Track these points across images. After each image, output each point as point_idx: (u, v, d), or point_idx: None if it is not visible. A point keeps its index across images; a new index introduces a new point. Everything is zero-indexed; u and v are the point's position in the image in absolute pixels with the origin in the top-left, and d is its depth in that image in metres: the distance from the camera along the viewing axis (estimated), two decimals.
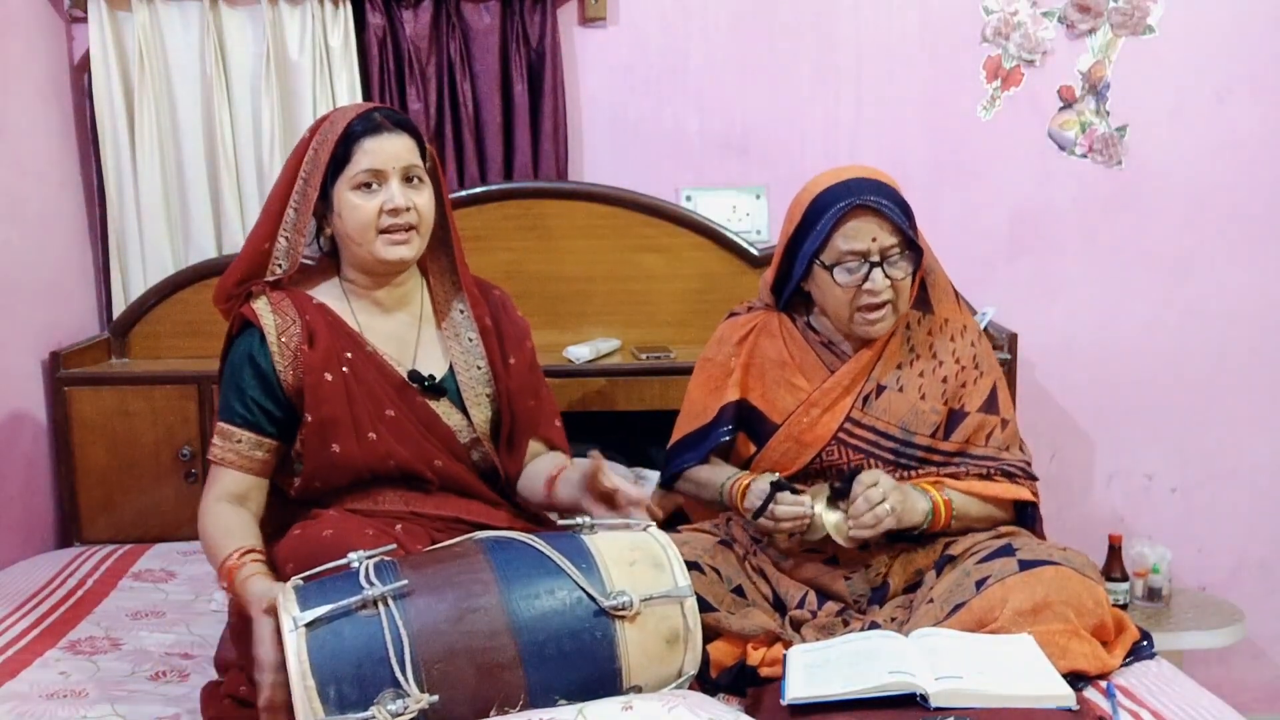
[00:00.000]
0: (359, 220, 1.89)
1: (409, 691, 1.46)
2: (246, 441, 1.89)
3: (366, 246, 1.90)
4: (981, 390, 2.11)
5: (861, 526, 1.94)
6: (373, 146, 1.88)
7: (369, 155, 1.88)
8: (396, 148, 1.90)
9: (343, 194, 1.89)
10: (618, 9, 3.04)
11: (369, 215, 1.88)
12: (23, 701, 1.87)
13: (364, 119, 1.90)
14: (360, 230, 1.89)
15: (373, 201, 1.88)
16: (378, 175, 1.88)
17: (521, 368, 2.06)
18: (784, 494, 1.98)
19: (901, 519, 1.96)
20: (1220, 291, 3.19)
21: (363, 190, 1.88)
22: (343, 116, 1.91)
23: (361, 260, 1.94)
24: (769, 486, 1.99)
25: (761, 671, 1.87)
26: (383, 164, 1.88)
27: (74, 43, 2.97)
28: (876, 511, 1.93)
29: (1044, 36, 3.07)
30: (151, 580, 2.50)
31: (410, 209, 1.90)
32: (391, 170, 1.89)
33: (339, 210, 1.90)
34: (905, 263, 2.02)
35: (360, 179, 1.88)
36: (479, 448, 2.01)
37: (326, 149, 1.88)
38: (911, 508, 1.99)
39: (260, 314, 1.90)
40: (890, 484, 1.97)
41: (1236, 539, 3.29)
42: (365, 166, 1.88)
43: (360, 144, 1.88)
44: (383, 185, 1.89)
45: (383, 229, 1.89)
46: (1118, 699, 1.74)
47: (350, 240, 1.91)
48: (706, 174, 3.11)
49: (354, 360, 1.91)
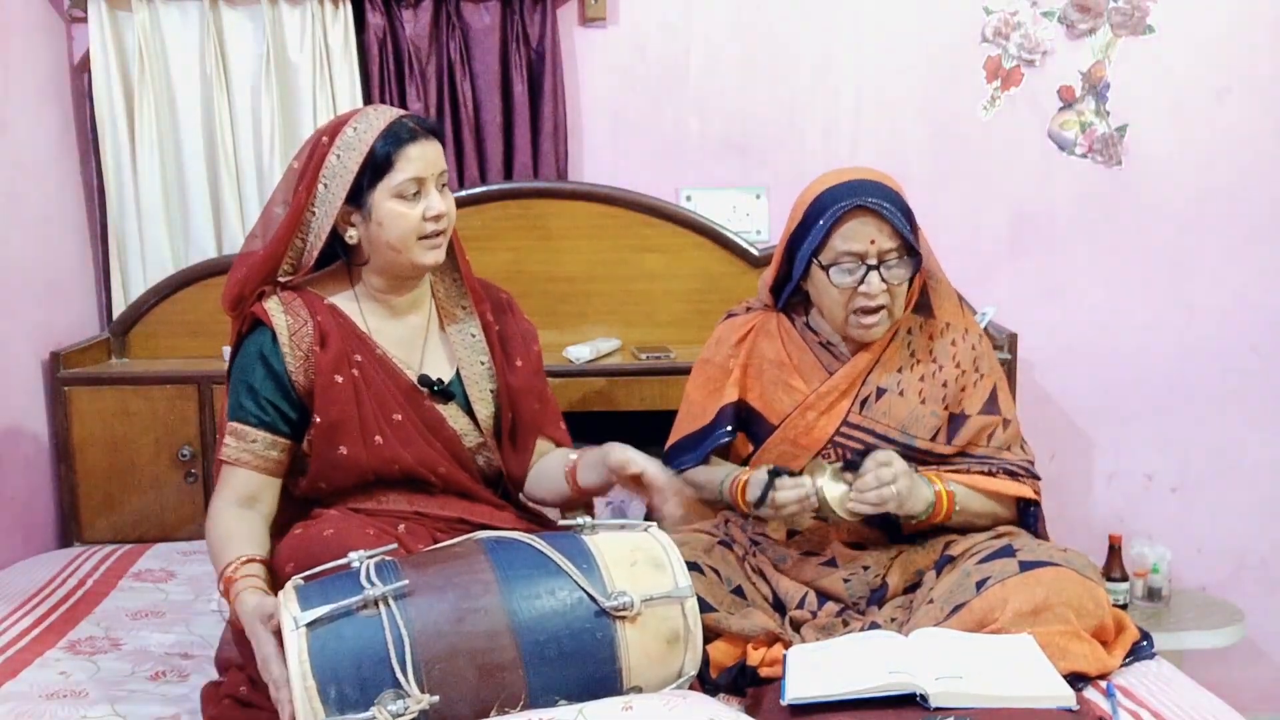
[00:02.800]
0: (403, 228, 1.88)
1: (409, 692, 1.46)
2: (262, 441, 1.88)
3: (406, 254, 1.90)
4: (982, 392, 2.11)
5: (864, 501, 1.94)
6: (415, 154, 1.87)
7: (413, 163, 1.87)
8: (433, 154, 1.90)
9: (383, 203, 1.88)
10: (618, 9, 3.04)
11: (413, 223, 1.88)
12: (23, 701, 1.87)
13: (399, 126, 1.89)
14: (402, 238, 1.88)
15: (415, 209, 1.88)
16: (419, 183, 1.88)
17: (528, 370, 2.05)
18: (782, 478, 1.97)
19: (903, 504, 1.96)
20: (1220, 291, 3.19)
21: (405, 198, 1.88)
22: (368, 123, 1.89)
23: (394, 266, 1.93)
24: (767, 475, 1.99)
25: (761, 672, 1.87)
26: (424, 171, 1.88)
27: (74, 43, 2.97)
28: (882, 492, 1.93)
29: (1044, 36, 3.07)
30: (151, 580, 2.50)
31: (446, 214, 1.91)
32: (430, 177, 1.89)
33: (378, 219, 1.88)
34: (903, 268, 2.02)
35: (404, 187, 1.87)
36: (484, 452, 2.01)
37: (357, 155, 1.86)
38: (916, 495, 1.98)
39: (272, 313, 1.89)
40: (903, 467, 1.97)
41: (1236, 539, 3.29)
42: (410, 175, 1.87)
43: (403, 151, 1.87)
44: (422, 193, 1.89)
45: (423, 235, 1.89)
46: (1118, 699, 1.75)
47: (388, 248, 1.90)
48: (706, 174, 3.11)
49: (364, 363, 1.91)
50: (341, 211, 1.89)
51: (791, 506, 1.96)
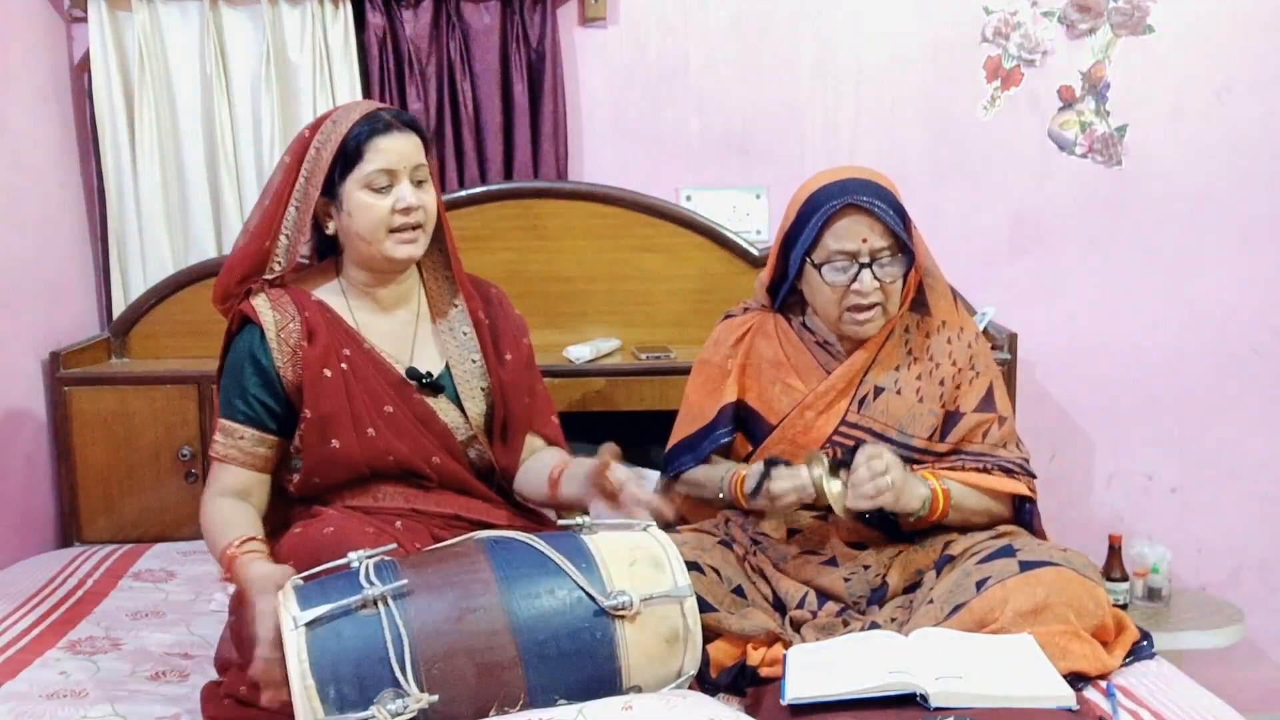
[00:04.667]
0: (371, 220, 1.89)
1: (409, 691, 1.46)
2: (249, 438, 1.90)
3: (376, 246, 1.90)
4: (978, 389, 2.11)
5: (861, 496, 1.94)
6: (386, 145, 1.88)
7: (382, 154, 1.88)
8: (407, 147, 1.90)
9: (353, 193, 1.89)
10: (618, 9, 3.04)
11: (381, 215, 1.88)
12: (23, 701, 1.87)
13: (373, 118, 1.90)
14: (371, 229, 1.89)
15: (385, 201, 1.89)
16: (390, 175, 1.89)
17: (517, 364, 2.06)
18: (778, 469, 1.98)
19: (899, 499, 1.96)
20: (1220, 291, 3.19)
21: (374, 190, 1.88)
22: (347, 115, 1.91)
23: (368, 259, 1.94)
24: (764, 465, 1.99)
25: (761, 671, 1.87)
26: (394, 163, 1.88)
27: (74, 43, 2.97)
28: (878, 483, 1.93)
29: (1044, 36, 3.07)
30: (151, 580, 2.49)
31: (419, 208, 1.90)
32: (402, 170, 1.89)
33: (348, 209, 1.90)
34: (895, 266, 2.02)
35: (372, 178, 1.88)
36: (476, 445, 2.01)
37: (331, 147, 1.88)
38: (911, 491, 1.99)
39: (260, 311, 1.91)
40: (894, 459, 1.97)
41: (1236, 539, 3.29)
42: (378, 166, 1.88)
43: (373, 143, 1.88)
44: (394, 185, 1.89)
45: (393, 228, 1.89)
46: (1118, 699, 1.74)
47: (359, 239, 1.91)
48: (706, 174, 3.11)
49: (352, 357, 1.92)
50: (320, 203, 1.91)
51: (788, 496, 1.96)
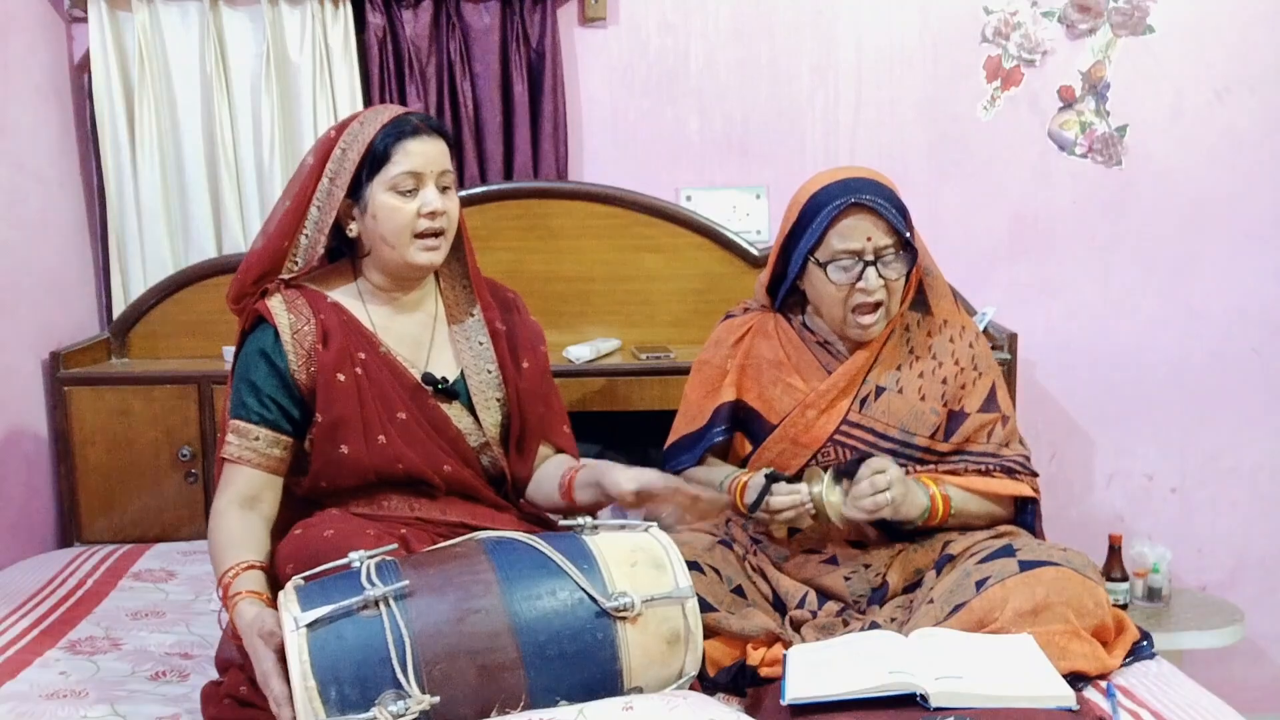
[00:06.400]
0: (396, 223, 1.87)
1: (410, 692, 1.46)
2: (264, 439, 1.87)
3: (400, 250, 1.89)
4: (981, 390, 2.12)
5: (859, 509, 1.95)
6: (414, 148, 1.87)
7: (410, 157, 1.86)
8: (434, 152, 1.89)
9: (378, 195, 1.87)
10: (618, 9, 3.04)
11: (407, 218, 1.87)
12: (23, 701, 1.86)
13: (402, 121, 1.89)
14: (395, 233, 1.88)
15: (410, 205, 1.87)
16: (416, 178, 1.87)
17: (534, 372, 2.04)
18: (779, 485, 1.99)
19: (899, 510, 1.97)
20: (1220, 291, 3.19)
21: (400, 192, 1.87)
22: (375, 117, 1.90)
23: (390, 263, 1.92)
24: (764, 479, 2.00)
25: (761, 671, 1.87)
26: (422, 167, 1.87)
27: (74, 43, 2.97)
28: (877, 499, 1.94)
29: (1044, 36, 3.07)
30: (151, 580, 2.49)
31: (444, 213, 1.89)
32: (429, 174, 1.88)
33: (372, 212, 1.88)
34: (899, 264, 2.03)
35: (399, 181, 1.86)
36: (488, 452, 2.00)
37: (359, 148, 1.87)
38: (911, 501, 1.99)
39: (275, 311, 1.89)
40: (898, 475, 1.97)
41: (1236, 539, 3.29)
42: (405, 169, 1.86)
43: (401, 145, 1.86)
44: (420, 189, 1.88)
45: (418, 233, 1.88)
46: (1118, 699, 1.75)
47: (382, 242, 1.89)
48: (706, 174, 3.11)
49: (367, 361, 1.90)
50: (343, 205, 1.89)
51: (787, 513, 1.98)
